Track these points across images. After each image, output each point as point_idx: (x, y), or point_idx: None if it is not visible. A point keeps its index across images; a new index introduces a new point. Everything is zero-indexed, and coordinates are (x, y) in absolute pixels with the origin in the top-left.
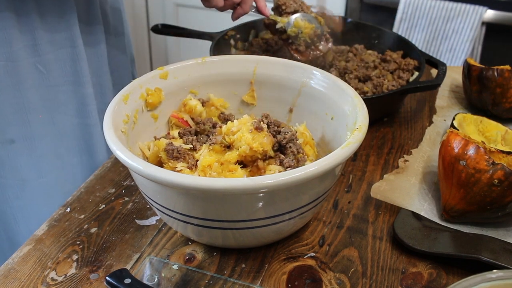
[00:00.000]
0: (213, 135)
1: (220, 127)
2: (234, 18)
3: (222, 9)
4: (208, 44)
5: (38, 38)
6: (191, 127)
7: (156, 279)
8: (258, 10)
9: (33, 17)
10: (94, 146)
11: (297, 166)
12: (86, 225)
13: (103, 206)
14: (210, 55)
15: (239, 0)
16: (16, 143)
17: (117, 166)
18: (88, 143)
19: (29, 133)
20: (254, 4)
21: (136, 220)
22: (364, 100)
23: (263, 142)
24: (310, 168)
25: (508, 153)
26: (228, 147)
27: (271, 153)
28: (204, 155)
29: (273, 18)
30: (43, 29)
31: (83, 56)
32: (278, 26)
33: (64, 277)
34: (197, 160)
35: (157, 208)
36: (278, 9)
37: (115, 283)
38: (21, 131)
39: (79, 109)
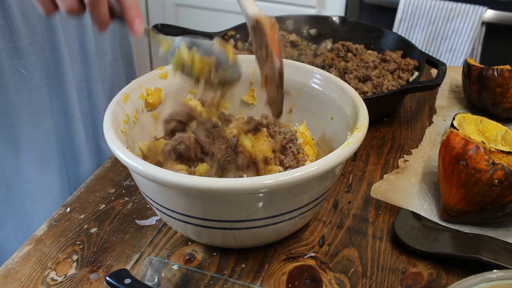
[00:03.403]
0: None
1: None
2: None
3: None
4: None
5: (19, 40)
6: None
7: (156, 279)
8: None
9: (15, 17)
10: (77, 150)
11: (297, 166)
12: (86, 225)
13: (103, 206)
14: None
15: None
16: (1, 149)
17: (117, 166)
18: (71, 147)
19: (13, 137)
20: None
21: (136, 220)
22: (364, 100)
23: (263, 148)
24: (310, 168)
25: (508, 153)
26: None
27: (271, 155)
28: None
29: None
30: (25, 30)
31: (65, 59)
32: (160, 54)
33: (64, 277)
34: None
35: (157, 208)
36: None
37: (115, 283)
38: (5, 137)
39: (63, 112)
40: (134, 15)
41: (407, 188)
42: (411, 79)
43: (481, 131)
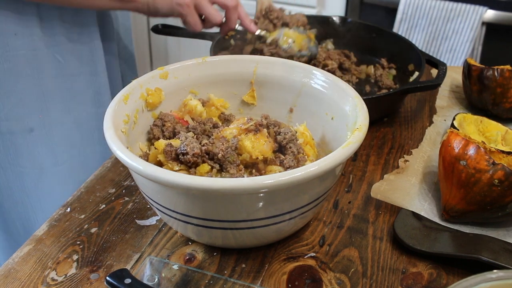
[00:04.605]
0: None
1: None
2: (222, 34)
3: (205, 28)
4: (208, 44)
5: (57, 33)
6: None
7: (156, 279)
8: (244, 27)
9: (55, 22)
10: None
11: (297, 166)
12: (86, 225)
13: (103, 206)
14: (210, 55)
15: (220, 21)
16: (35, 131)
17: (117, 166)
18: (102, 132)
19: (48, 121)
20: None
21: (136, 220)
22: (364, 100)
23: (263, 149)
24: (311, 168)
25: (508, 153)
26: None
27: (272, 156)
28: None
29: (262, 34)
30: (64, 32)
31: (99, 46)
32: (268, 41)
33: (64, 277)
34: None
35: (157, 208)
36: (267, 17)
37: (115, 283)
38: (39, 120)
39: (95, 98)
40: (248, 23)
41: (407, 188)
42: (411, 79)
43: (481, 131)
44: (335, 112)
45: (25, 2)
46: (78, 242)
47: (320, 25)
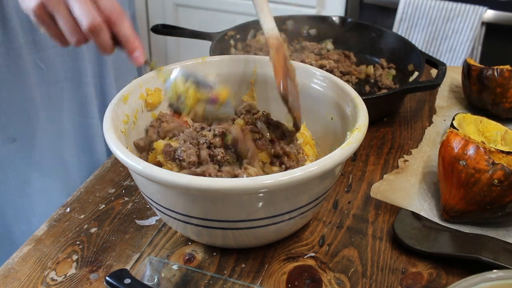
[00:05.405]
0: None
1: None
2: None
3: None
4: (208, 44)
5: (39, 33)
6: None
7: (156, 279)
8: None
9: None
10: (93, 146)
11: (297, 166)
12: (86, 225)
13: (103, 206)
14: (210, 55)
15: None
16: (18, 141)
17: (117, 166)
18: (89, 143)
19: (31, 131)
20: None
21: (136, 220)
22: (364, 100)
23: (261, 155)
24: (310, 168)
25: (508, 153)
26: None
27: (268, 160)
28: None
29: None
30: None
31: (84, 55)
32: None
33: (64, 277)
34: None
35: (156, 208)
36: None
37: (115, 283)
38: (22, 129)
39: (80, 107)
40: (134, 47)
41: (407, 188)
42: (411, 79)
43: (481, 131)
44: (335, 112)
45: None
46: (78, 242)
47: (320, 25)
